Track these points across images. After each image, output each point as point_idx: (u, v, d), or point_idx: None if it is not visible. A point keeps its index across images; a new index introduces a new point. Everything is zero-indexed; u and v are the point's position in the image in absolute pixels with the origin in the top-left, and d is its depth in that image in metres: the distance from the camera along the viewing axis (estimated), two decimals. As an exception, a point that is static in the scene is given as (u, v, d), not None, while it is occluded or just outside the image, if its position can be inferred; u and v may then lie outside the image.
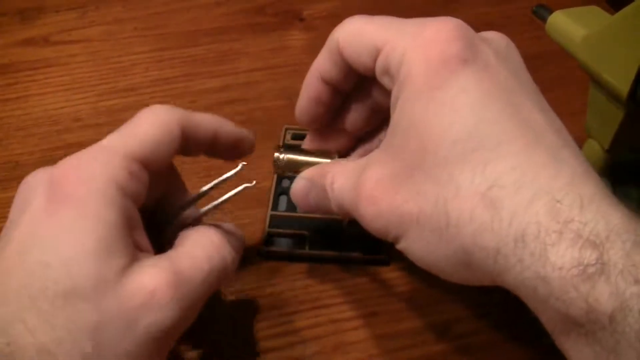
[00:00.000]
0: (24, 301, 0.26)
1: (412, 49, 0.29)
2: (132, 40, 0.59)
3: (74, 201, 0.28)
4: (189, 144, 0.33)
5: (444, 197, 0.27)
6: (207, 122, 0.34)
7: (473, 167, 0.27)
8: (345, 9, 0.63)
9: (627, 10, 0.34)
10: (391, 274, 0.41)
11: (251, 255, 0.42)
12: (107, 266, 0.27)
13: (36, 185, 0.29)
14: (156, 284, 0.28)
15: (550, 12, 0.40)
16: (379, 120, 0.37)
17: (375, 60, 0.32)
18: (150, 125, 0.32)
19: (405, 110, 0.29)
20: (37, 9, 0.62)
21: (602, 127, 0.39)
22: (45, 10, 0.62)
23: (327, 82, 0.35)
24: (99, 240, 0.27)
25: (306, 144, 0.40)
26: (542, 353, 0.37)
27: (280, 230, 0.42)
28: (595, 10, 0.39)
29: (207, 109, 0.52)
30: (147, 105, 0.52)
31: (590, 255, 0.24)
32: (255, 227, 0.43)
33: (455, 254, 0.27)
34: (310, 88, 0.36)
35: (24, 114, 0.52)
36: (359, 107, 0.37)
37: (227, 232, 0.34)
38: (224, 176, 0.35)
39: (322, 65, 0.35)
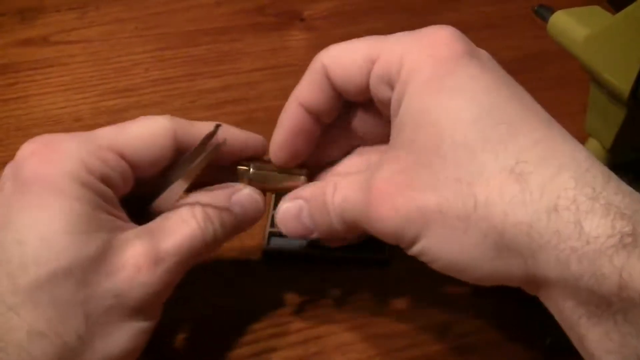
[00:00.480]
0: (2, 280, 0.26)
1: (413, 51, 0.29)
2: (132, 40, 0.59)
3: (43, 179, 0.28)
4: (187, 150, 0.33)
5: (467, 180, 0.26)
6: (209, 128, 0.33)
7: (495, 145, 0.26)
8: (345, 9, 0.63)
9: (628, 10, 0.34)
10: (391, 274, 0.41)
11: (252, 255, 0.42)
12: (86, 241, 0.28)
13: (8, 169, 0.30)
14: (140, 257, 0.29)
15: (552, 12, 0.40)
16: (352, 148, 0.37)
17: (368, 74, 0.31)
18: (142, 127, 0.32)
19: (414, 102, 0.29)
20: (37, 9, 0.62)
21: (603, 127, 0.39)
22: (45, 10, 0.62)
23: (310, 111, 0.34)
24: (74, 216, 0.28)
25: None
26: (541, 353, 0.37)
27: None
28: (596, 10, 0.39)
29: (207, 108, 0.52)
30: (147, 105, 0.52)
31: (624, 226, 0.23)
32: (256, 226, 0.43)
33: (485, 239, 0.26)
34: (291, 120, 0.34)
35: (24, 114, 0.52)
36: (337, 141, 0.36)
37: (217, 206, 0.32)
38: (198, 145, 0.32)
39: (305, 93, 0.33)
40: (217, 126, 0.32)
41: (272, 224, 0.42)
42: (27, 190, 0.28)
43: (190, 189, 0.33)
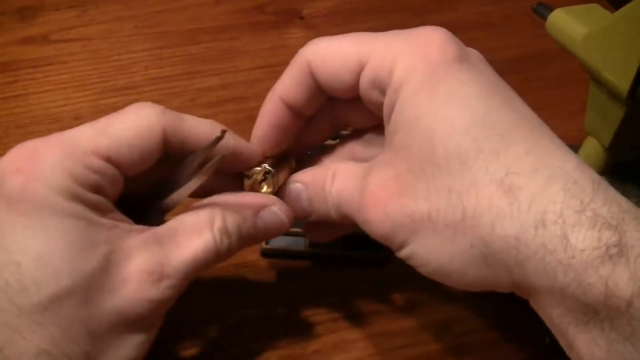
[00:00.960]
0: (3, 304, 0.26)
1: (405, 54, 0.29)
2: (131, 38, 0.59)
3: (32, 198, 0.27)
4: (178, 150, 0.31)
5: (458, 190, 0.26)
6: (201, 129, 0.32)
7: (487, 156, 0.26)
8: (344, 8, 0.62)
9: (627, 8, 0.34)
10: (391, 272, 0.41)
11: (251, 253, 0.42)
12: (85, 258, 0.27)
13: None
14: (143, 273, 0.28)
15: (551, 10, 0.40)
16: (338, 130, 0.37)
17: (357, 75, 0.31)
18: (128, 125, 0.30)
19: (407, 108, 0.29)
20: (37, 7, 0.61)
21: (602, 126, 0.39)
22: (44, 8, 0.61)
23: (291, 107, 0.33)
24: (69, 233, 0.27)
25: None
26: (540, 352, 0.37)
27: (280, 229, 0.42)
28: (595, 8, 0.39)
29: (207, 107, 0.52)
30: (146, 103, 0.52)
31: (610, 237, 0.24)
32: (255, 225, 0.43)
33: (472, 249, 0.26)
34: (271, 115, 0.34)
35: (24, 112, 0.52)
36: (320, 128, 0.36)
37: (239, 219, 0.31)
38: (205, 148, 0.31)
39: (287, 89, 0.33)
40: (224, 132, 0.31)
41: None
42: (16, 210, 0.27)
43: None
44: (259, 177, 0.34)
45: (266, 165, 0.34)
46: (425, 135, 0.28)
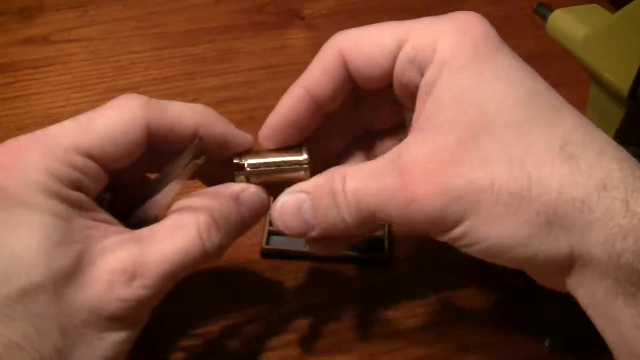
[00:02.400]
0: None
1: (447, 33, 0.29)
2: (132, 39, 0.59)
3: (10, 194, 0.27)
4: (162, 141, 0.31)
5: (519, 158, 0.26)
6: (187, 116, 0.31)
7: (543, 126, 0.27)
8: (345, 8, 0.62)
9: (627, 8, 0.34)
10: (391, 273, 0.41)
11: (250, 253, 0.42)
12: (58, 255, 0.27)
13: None
14: (115, 272, 0.27)
15: (551, 10, 0.40)
16: (353, 138, 0.36)
17: (393, 57, 0.30)
18: (112, 121, 0.30)
19: (454, 83, 0.28)
20: (37, 8, 0.62)
21: (603, 126, 0.39)
22: (45, 9, 0.62)
23: (315, 99, 0.32)
24: (44, 229, 0.27)
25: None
26: (541, 353, 0.37)
27: (281, 229, 0.42)
28: (596, 8, 0.39)
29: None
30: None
31: None
32: (256, 225, 0.43)
33: (537, 218, 0.26)
34: (292, 106, 0.32)
35: (24, 113, 0.52)
36: (337, 128, 0.35)
37: (223, 209, 0.31)
38: (180, 157, 0.30)
39: (314, 79, 0.32)
40: (201, 139, 0.30)
41: (271, 223, 0.42)
42: None
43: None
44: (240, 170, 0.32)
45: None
46: (476, 108, 0.27)
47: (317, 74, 0.32)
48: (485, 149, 0.27)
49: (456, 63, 0.28)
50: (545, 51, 0.52)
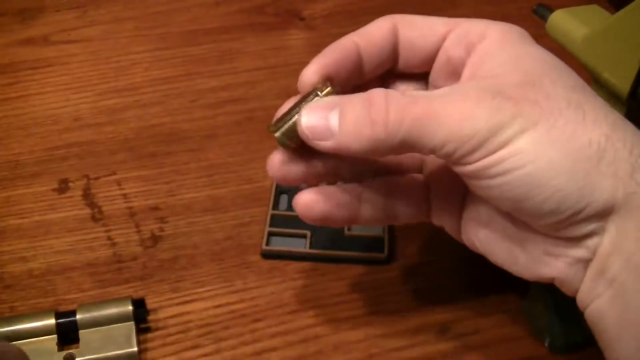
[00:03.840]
0: None
1: (494, 25, 0.32)
2: (132, 39, 0.59)
3: None
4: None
5: (576, 100, 0.28)
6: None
7: (590, 92, 0.29)
8: (345, 9, 0.62)
9: (627, 9, 0.34)
10: (391, 273, 0.41)
11: (251, 254, 0.42)
12: None
13: None
14: None
15: (551, 11, 0.40)
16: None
17: (442, 39, 0.33)
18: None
19: (507, 50, 0.30)
20: (37, 9, 0.62)
21: (603, 127, 0.39)
22: (45, 9, 0.62)
23: (363, 56, 0.33)
24: None
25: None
26: (541, 353, 0.37)
27: (281, 230, 0.42)
28: (596, 9, 0.39)
29: (207, 108, 0.52)
30: (147, 104, 0.52)
31: None
32: (256, 226, 0.43)
33: (589, 148, 0.27)
34: (341, 50, 0.32)
35: (24, 114, 0.52)
36: None
37: None
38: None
39: (368, 36, 0.33)
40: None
41: (272, 224, 0.42)
42: None
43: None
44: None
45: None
46: (535, 64, 0.29)
47: (371, 33, 0.33)
48: (547, 87, 0.28)
49: (510, 38, 0.31)
50: (545, 52, 0.52)
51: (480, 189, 0.29)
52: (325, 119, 0.29)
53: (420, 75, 0.35)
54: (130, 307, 0.37)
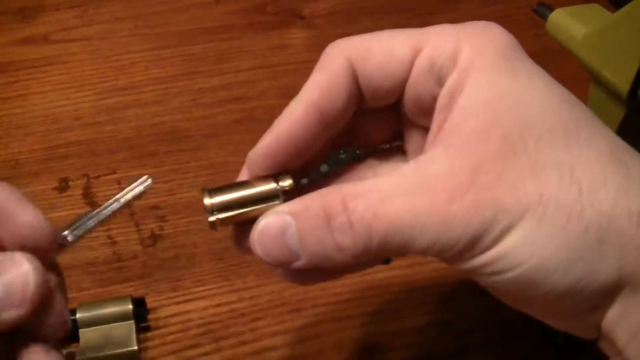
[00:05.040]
0: None
1: (469, 37, 0.26)
2: (132, 38, 0.59)
3: None
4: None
5: (568, 163, 0.23)
6: None
7: (589, 129, 0.24)
8: (345, 8, 0.62)
9: (627, 8, 0.34)
10: (391, 272, 0.41)
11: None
12: None
13: None
14: None
15: (551, 10, 0.40)
16: None
17: (409, 69, 0.27)
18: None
19: (485, 86, 0.25)
20: (37, 8, 0.62)
21: (603, 126, 0.39)
22: (45, 8, 0.62)
23: (324, 117, 0.27)
24: None
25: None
26: (543, 353, 0.37)
27: (281, 229, 0.42)
28: (596, 8, 0.39)
29: (207, 107, 0.52)
30: (147, 103, 0.52)
31: None
32: (256, 225, 0.43)
33: (586, 234, 0.23)
34: (296, 124, 0.27)
35: (24, 112, 0.52)
36: (336, 146, 0.30)
37: None
38: (128, 196, 0.27)
39: (322, 93, 0.27)
40: (150, 179, 0.27)
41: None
42: None
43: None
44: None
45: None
46: (516, 111, 0.24)
47: (325, 87, 0.27)
48: (533, 155, 0.24)
49: (485, 65, 0.25)
50: (545, 50, 0.52)
51: (482, 282, 0.26)
52: (284, 246, 0.25)
53: (395, 106, 0.29)
54: (130, 306, 0.37)
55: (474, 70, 0.25)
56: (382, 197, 0.24)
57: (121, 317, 0.36)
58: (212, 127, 0.50)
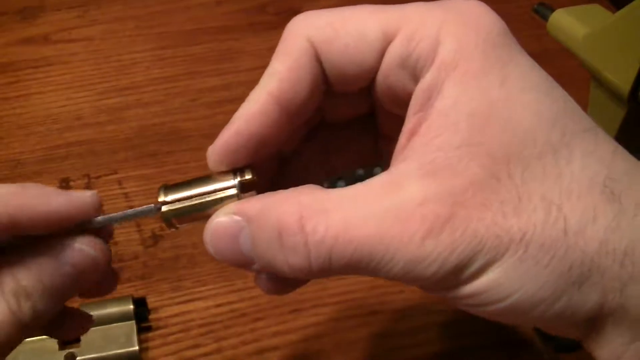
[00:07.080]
0: None
1: (450, 24, 0.23)
2: (133, 38, 0.59)
3: None
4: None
5: (556, 198, 0.21)
6: None
7: (582, 154, 0.22)
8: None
9: (628, 8, 0.34)
10: (392, 272, 0.41)
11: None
12: None
13: None
14: None
15: (552, 10, 0.40)
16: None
17: (380, 53, 0.24)
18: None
19: (470, 93, 0.22)
20: (38, 8, 0.62)
21: (603, 126, 0.39)
22: (45, 8, 0.62)
23: (286, 107, 0.25)
24: None
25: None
26: (546, 354, 0.37)
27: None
28: (596, 8, 0.39)
29: (208, 107, 0.52)
30: (148, 103, 0.52)
31: None
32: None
33: (569, 273, 0.21)
34: (256, 117, 0.25)
35: (25, 113, 0.52)
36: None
37: (38, 273, 0.24)
38: (135, 211, 0.25)
39: (283, 82, 0.25)
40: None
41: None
42: None
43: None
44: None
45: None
46: (504, 127, 0.22)
47: (286, 77, 0.25)
48: (520, 186, 0.21)
49: (469, 67, 0.22)
50: (545, 50, 0.52)
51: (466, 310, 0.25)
52: (237, 250, 0.24)
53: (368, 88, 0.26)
54: (131, 306, 0.37)
55: (456, 69, 0.22)
56: (346, 219, 0.22)
57: (122, 317, 0.36)
58: (213, 127, 0.50)
